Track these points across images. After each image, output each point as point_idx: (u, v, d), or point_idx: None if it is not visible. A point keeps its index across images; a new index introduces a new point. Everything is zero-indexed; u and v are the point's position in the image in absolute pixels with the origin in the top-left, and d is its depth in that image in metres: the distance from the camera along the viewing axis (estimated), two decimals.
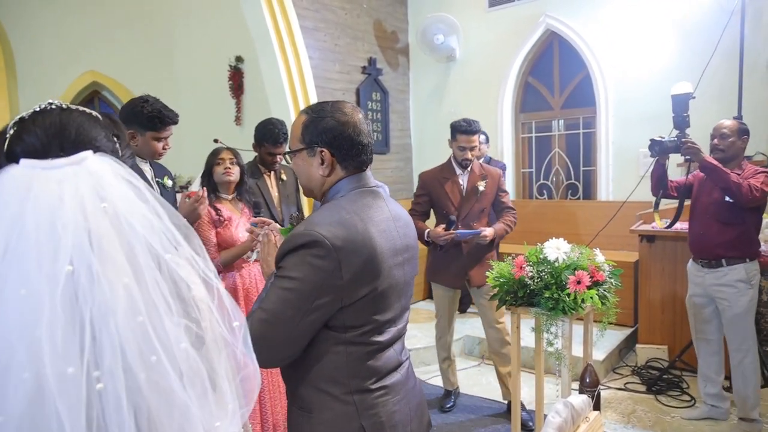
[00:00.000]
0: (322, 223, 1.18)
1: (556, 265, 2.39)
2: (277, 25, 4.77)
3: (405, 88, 6.43)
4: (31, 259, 0.67)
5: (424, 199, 3.32)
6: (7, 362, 0.64)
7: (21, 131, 0.79)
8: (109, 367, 0.66)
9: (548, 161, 5.83)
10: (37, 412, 0.63)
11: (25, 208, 0.69)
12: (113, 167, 0.77)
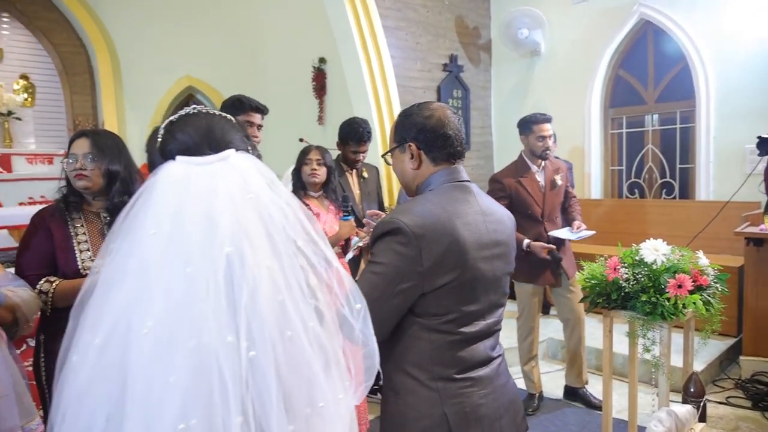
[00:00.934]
0: (405, 212, 1.26)
1: (654, 267, 2.26)
2: (360, 26, 4.85)
3: (486, 85, 6.33)
4: (193, 242, 0.76)
5: (505, 201, 3.27)
6: (176, 332, 0.73)
7: (174, 132, 0.91)
8: (257, 338, 0.74)
9: (640, 158, 5.51)
10: (201, 375, 0.72)
11: (186, 197, 0.79)
12: (252, 163, 0.87)
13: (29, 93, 6.48)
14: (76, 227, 1.92)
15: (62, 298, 1.81)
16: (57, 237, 1.88)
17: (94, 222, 1.95)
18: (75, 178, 1.87)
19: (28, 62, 6.48)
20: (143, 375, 0.71)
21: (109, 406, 0.72)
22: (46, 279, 1.83)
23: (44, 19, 6.16)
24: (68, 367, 0.78)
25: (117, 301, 0.74)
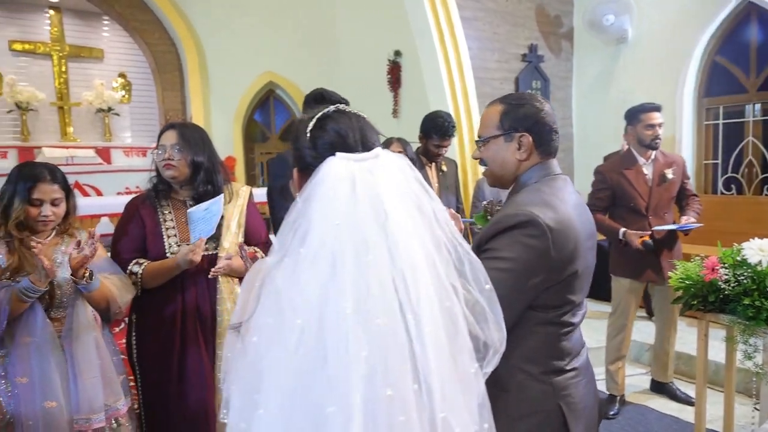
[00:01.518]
0: (531, 204, 1.22)
1: (759, 269, 2.08)
2: (438, 18, 4.81)
3: (567, 75, 6.09)
4: (369, 234, 0.83)
5: (606, 193, 3.16)
6: (368, 313, 0.81)
7: (327, 126, 0.96)
8: (425, 318, 0.83)
9: (739, 151, 5.10)
10: (385, 349, 0.81)
11: (354, 192, 0.85)
12: (400, 161, 0.92)
13: (126, 90, 6.97)
14: (164, 214, 2.03)
15: (150, 278, 1.94)
16: (147, 223, 2.00)
17: (181, 209, 2.05)
18: (164, 167, 1.98)
19: (125, 61, 6.96)
20: (343, 351, 0.79)
21: (306, 379, 0.81)
22: (135, 261, 1.96)
23: (139, 21, 6.59)
24: (248, 347, 0.87)
25: (308, 285, 0.81)
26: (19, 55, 6.37)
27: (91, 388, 1.76)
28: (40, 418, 1.68)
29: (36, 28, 6.47)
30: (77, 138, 6.63)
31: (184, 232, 2.02)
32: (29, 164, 1.92)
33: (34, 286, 1.66)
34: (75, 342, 1.77)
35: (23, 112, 6.21)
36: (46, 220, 1.79)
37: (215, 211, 1.96)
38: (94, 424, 1.76)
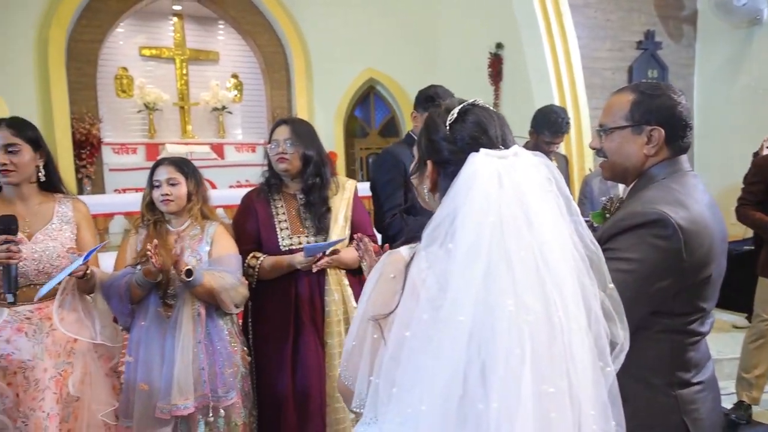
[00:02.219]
0: (661, 201, 1.13)
1: None
2: (545, 6, 4.61)
3: (689, 62, 5.58)
4: (515, 228, 0.83)
5: (759, 187, 2.89)
6: (525, 309, 0.81)
7: (468, 121, 0.95)
8: (572, 315, 0.83)
9: None
10: (541, 345, 0.81)
11: (501, 190, 0.85)
12: (537, 159, 0.90)
13: (238, 90, 7.43)
14: (276, 207, 2.11)
15: (266, 273, 2.03)
16: (261, 216, 2.09)
17: (292, 202, 2.13)
18: (277, 161, 2.06)
19: (238, 63, 7.42)
20: (503, 347, 0.79)
21: (464, 371, 0.82)
22: (252, 255, 2.05)
23: (251, 24, 6.98)
24: (394, 340, 0.89)
25: (468, 281, 0.82)
26: (148, 59, 7.00)
27: (184, 376, 1.83)
28: (137, 397, 1.82)
29: (161, 35, 7.08)
30: (195, 135, 7.17)
31: (295, 224, 2.10)
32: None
33: (144, 278, 1.79)
34: (178, 331, 1.87)
35: (150, 112, 6.82)
36: (166, 198, 1.91)
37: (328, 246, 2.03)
38: (175, 412, 1.82)
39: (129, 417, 1.81)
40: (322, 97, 7.04)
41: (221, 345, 1.95)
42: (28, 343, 1.70)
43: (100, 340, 1.82)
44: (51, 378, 1.70)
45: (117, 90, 6.75)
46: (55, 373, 1.71)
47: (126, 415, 1.82)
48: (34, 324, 1.72)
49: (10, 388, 1.66)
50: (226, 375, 1.92)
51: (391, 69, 7.07)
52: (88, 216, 1.93)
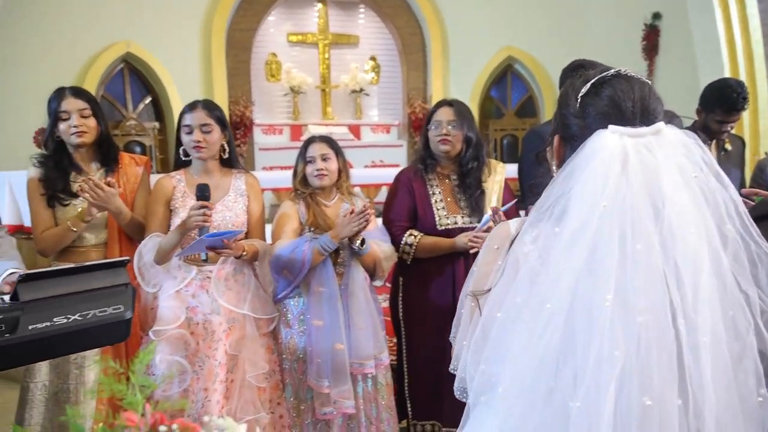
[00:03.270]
0: None
1: None
2: None
3: None
4: (636, 216, 0.74)
5: None
6: (627, 308, 0.73)
7: (602, 93, 0.85)
8: (700, 325, 0.71)
9: None
10: (645, 352, 0.71)
11: (625, 171, 0.76)
12: (687, 139, 0.79)
13: (376, 72, 7.60)
14: (432, 186, 2.16)
15: (423, 251, 2.09)
16: (417, 195, 2.14)
17: (446, 182, 2.17)
18: (439, 142, 2.09)
19: (376, 45, 7.58)
20: (596, 344, 0.72)
21: (552, 366, 0.77)
22: (410, 233, 2.11)
23: (391, 6, 7.07)
24: (491, 322, 0.85)
25: (565, 269, 0.76)
26: (294, 45, 7.42)
27: (364, 338, 1.99)
28: (329, 358, 1.95)
29: (307, 21, 7.44)
30: (334, 117, 7.49)
31: (451, 204, 2.13)
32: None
33: (332, 242, 1.92)
34: (351, 296, 2.02)
35: (295, 95, 7.24)
36: (320, 173, 2.03)
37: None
38: (366, 369, 2.00)
39: (322, 376, 1.95)
40: (458, 77, 6.96)
41: (377, 309, 2.10)
42: (208, 298, 1.90)
43: (250, 311, 1.96)
44: (223, 331, 1.90)
45: (267, 75, 7.25)
46: (226, 327, 1.91)
47: (319, 375, 1.95)
48: (213, 283, 1.92)
49: (193, 337, 1.88)
50: (381, 337, 2.07)
51: (531, 46, 6.77)
52: (258, 190, 2.10)
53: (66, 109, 1.89)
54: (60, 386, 1.93)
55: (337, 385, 1.95)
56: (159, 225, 1.93)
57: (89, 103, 1.95)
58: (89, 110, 1.94)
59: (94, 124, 1.95)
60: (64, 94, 1.92)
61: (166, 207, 1.94)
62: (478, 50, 6.85)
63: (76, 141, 1.93)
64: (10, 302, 1.27)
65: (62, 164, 1.94)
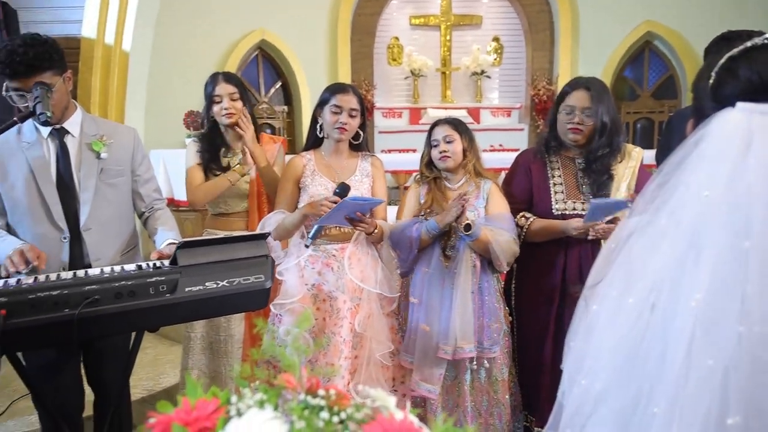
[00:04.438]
0: None
1: None
2: None
3: None
4: (755, 212, 0.64)
5: None
6: (723, 312, 0.64)
7: (738, 70, 0.75)
8: None
9: None
10: (746, 366, 0.62)
11: (746, 156, 0.66)
12: None
13: (498, 53, 7.38)
14: (553, 169, 2.05)
15: (535, 235, 2.00)
16: (535, 176, 2.05)
17: (570, 166, 2.04)
18: (569, 130, 1.97)
19: (499, 25, 7.34)
20: (683, 350, 0.65)
21: (639, 365, 0.71)
22: (522, 214, 2.04)
23: None
24: (586, 315, 0.81)
25: (656, 263, 0.70)
26: (416, 28, 7.42)
27: (464, 324, 1.94)
28: (419, 336, 1.96)
29: (429, 3, 7.40)
30: (454, 100, 7.41)
31: (571, 188, 2.02)
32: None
33: (437, 226, 1.92)
34: (456, 280, 1.98)
35: (415, 78, 7.26)
36: (444, 155, 2.02)
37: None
38: (459, 354, 1.94)
39: (409, 352, 1.99)
40: (588, 56, 6.53)
41: (489, 299, 2.03)
42: (333, 276, 1.98)
43: (379, 289, 2.01)
44: (348, 309, 1.96)
45: (388, 59, 7.34)
46: (351, 306, 1.97)
47: (407, 350, 2.00)
48: (339, 261, 2.00)
49: (319, 313, 1.97)
50: (492, 329, 2.00)
51: (676, 20, 6.15)
52: (382, 171, 2.15)
53: (219, 93, 2.15)
54: (213, 337, 2.21)
55: (421, 366, 1.94)
56: (286, 201, 2.04)
57: (237, 87, 2.18)
58: (237, 94, 2.17)
59: (240, 106, 2.17)
60: (218, 80, 2.17)
61: (295, 185, 2.05)
62: (612, 26, 6.36)
63: (226, 122, 2.17)
64: (171, 266, 1.43)
65: (215, 142, 2.20)
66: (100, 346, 1.82)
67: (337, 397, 0.56)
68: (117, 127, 1.98)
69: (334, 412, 0.55)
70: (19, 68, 1.58)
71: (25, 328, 1.23)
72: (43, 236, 1.71)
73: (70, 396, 1.81)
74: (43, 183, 1.72)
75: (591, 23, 6.45)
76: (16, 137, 1.72)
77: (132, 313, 1.33)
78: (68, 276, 1.44)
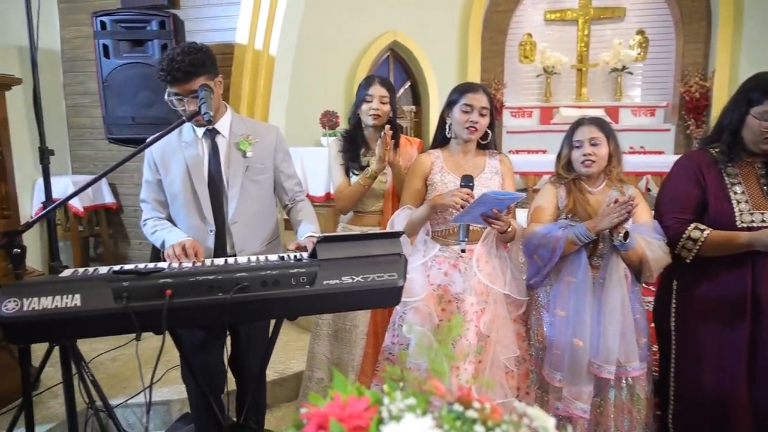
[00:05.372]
0: None
1: None
2: None
3: None
4: None
5: None
6: None
7: None
8: None
9: None
10: None
11: None
12: None
13: (642, 47, 6.81)
14: (730, 176, 1.81)
15: (711, 249, 1.76)
16: (711, 186, 1.81)
17: (749, 171, 1.80)
18: (766, 139, 1.72)
19: (645, 17, 6.77)
20: None
21: None
22: (695, 226, 1.80)
23: None
24: None
25: None
26: (551, 24, 7.10)
27: (611, 339, 1.81)
28: (567, 352, 1.83)
29: None
30: (589, 98, 6.98)
31: (756, 199, 1.77)
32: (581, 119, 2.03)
33: (589, 233, 1.79)
34: (605, 292, 1.85)
35: (548, 76, 6.96)
36: (588, 159, 1.89)
37: None
38: (604, 373, 1.81)
39: (556, 368, 1.87)
40: (753, 49, 5.78)
41: (639, 313, 1.89)
42: (460, 278, 1.94)
43: (508, 291, 1.94)
44: (474, 312, 1.92)
45: (520, 56, 7.11)
46: (477, 309, 1.92)
47: (552, 365, 1.88)
48: (466, 262, 1.96)
49: (444, 314, 1.94)
50: (640, 344, 1.87)
51: None
52: (511, 170, 2.08)
53: (371, 93, 2.21)
54: (339, 325, 2.29)
55: (571, 382, 1.82)
56: (413, 198, 2.03)
57: (390, 92, 2.25)
58: (388, 98, 2.23)
59: (387, 110, 2.23)
60: (373, 81, 2.25)
61: (423, 182, 2.04)
62: None
63: (372, 122, 2.23)
64: (310, 259, 1.50)
65: (356, 141, 2.27)
66: (243, 332, 1.95)
67: (491, 411, 0.54)
68: (261, 126, 2.10)
69: (489, 427, 0.52)
70: (177, 74, 1.73)
71: (184, 308, 1.35)
72: (195, 228, 1.87)
73: (214, 374, 1.96)
74: (196, 180, 1.87)
75: (757, 11, 5.70)
76: (177, 136, 1.89)
77: (275, 301, 1.41)
78: (220, 263, 1.57)
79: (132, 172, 3.89)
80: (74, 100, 4.19)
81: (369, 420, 0.55)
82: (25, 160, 3.41)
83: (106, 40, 3.40)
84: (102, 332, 1.41)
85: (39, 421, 2.30)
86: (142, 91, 3.35)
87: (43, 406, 2.48)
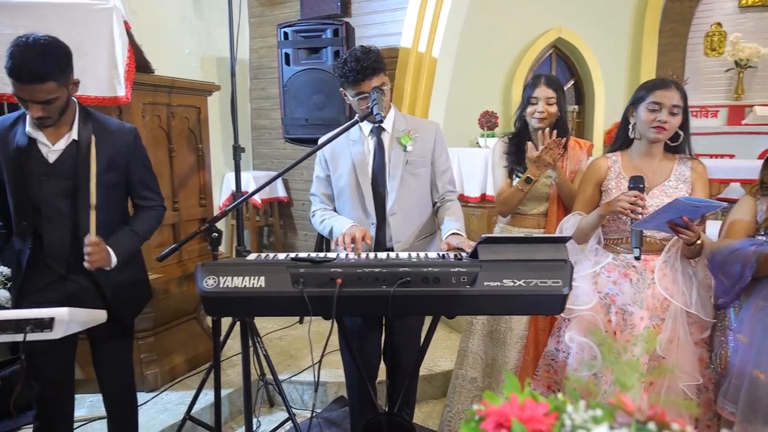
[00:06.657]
0: None
1: None
2: None
3: None
4: None
5: None
6: None
7: None
8: None
9: None
10: None
11: None
12: None
13: None
14: None
15: None
16: None
17: None
18: None
19: None
20: None
21: None
22: None
23: None
24: None
25: None
26: (746, 10, 6.22)
27: None
28: (746, 383, 1.60)
29: None
30: None
31: None
32: None
33: None
34: None
35: (740, 70, 6.10)
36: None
37: None
38: None
39: (730, 399, 1.66)
40: None
41: None
42: (631, 289, 1.79)
43: (694, 310, 1.75)
44: (645, 327, 1.76)
45: (705, 48, 6.34)
46: (649, 324, 1.76)
47: (728, 396, 1.68)
48: (639, 273, 1.80)
49: (609, 325, 1.81)
50: None
51: None
52: (705, 179, 1.86)
53: (536, 96, 2.13)
54: (494, 326, 2.26)
55: (745, 420, 1.58)
56: (584, 204, 1.93)
57: (557, 92, 2.14)
58: (554, 99, 2.13)
59: (554, 111, 2.13)
60: (539, 82, 2.16)
61: (596, 188, 1.92)
62: None
63: (536, 125, 2.15)
64: (472, 259, 1.50)
65: (522, 144, 2.19)
66: (397, 326, 2.01)
67: None
68: (422, 122, 2.16)
69: None
70: (366, 71, 1.86)
71: (351, 297, 1.44)
72: (357, 221, 1.97)
73: (368, 363, 2.05)
74: (361, 175, 1.99)
75: None
76: (345, 135, 2.00)
77: (435, 298, 1.44)
78: (384, 257, 1.64)
79: (302, 169, 4.24)
80: (258, 103, 4.70)
81: (550, 426, 0.53)
82: (216, 156, 3.90)
83: (287, 48, 3.76)
84: (279, 312, 1.56)
85: None
86: (315, 94, 3.65)
87: (222, 373, 2.82)
